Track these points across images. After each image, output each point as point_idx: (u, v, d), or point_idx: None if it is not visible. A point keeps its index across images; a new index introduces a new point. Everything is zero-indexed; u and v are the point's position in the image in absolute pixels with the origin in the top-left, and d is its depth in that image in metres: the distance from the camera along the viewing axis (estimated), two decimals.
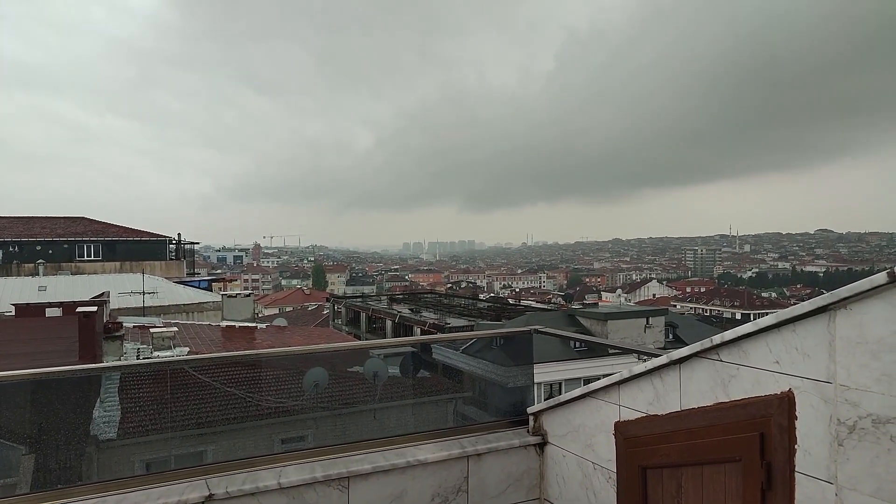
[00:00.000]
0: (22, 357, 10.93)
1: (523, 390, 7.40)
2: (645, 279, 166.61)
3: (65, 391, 6.65)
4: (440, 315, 44.15)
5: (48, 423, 5.97)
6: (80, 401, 7.90)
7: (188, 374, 10.04)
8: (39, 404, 5.91)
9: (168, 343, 14.82)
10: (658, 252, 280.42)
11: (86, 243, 41.00)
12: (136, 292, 26.18)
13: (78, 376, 6.68)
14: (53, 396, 6.21)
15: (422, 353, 12.00)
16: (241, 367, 11.18)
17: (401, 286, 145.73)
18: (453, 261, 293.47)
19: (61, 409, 6.09)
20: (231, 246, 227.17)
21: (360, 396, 10.41)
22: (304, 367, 9.29)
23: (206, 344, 17.26)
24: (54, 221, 43.65)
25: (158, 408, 9.76)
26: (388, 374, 9.90)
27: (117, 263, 39.64)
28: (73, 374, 6.18)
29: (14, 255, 38.52)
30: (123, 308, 24.45)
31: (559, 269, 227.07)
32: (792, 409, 2.60)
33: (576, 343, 30.76)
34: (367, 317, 51.08)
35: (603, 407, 3.95)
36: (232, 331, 19.41)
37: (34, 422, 5.87)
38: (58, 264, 37.89)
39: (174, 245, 45.15)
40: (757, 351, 2.80)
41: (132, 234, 43.63)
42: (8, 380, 4.33)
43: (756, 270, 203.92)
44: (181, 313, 27.89)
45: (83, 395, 8.22)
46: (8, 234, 39.73)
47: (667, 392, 3.39)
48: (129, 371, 10.73)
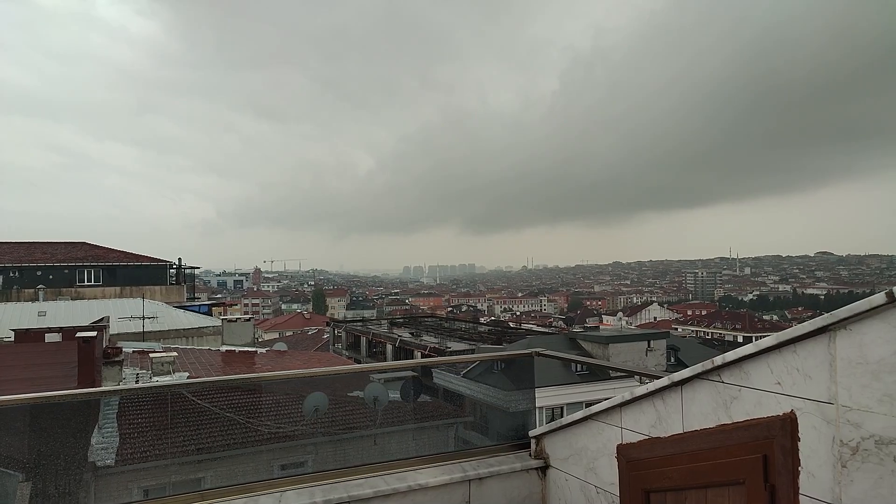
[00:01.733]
0: (21, 382, 10.87)
1: (525, 414, 7.35)
2: (646, 302, 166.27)
3: (63, 417, 6.61)
4: (441, 339, 43.96)
5: (46, 450, 5.93)
6: (79, 427, 7.84)
7: (187, 399, 9.99)
8: (38, 430, 5.87)
9: (167, 368, 14.74)
10: (658, 275, 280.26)
11: (86, 268, 41.03)
12: (135, 317, 26.11)
13: (76, 401, 6.65)
14: (52, 422, 6.17)
15: (422, 378, 11.94)
16: (240, 392, 11.13)
17: (401, 310, 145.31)
18: (454, 284, 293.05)
19: (60, 434, 6.05)
20: (231, 270, 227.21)
21: (361, 421, 10.34)
22: (304, 391, 9.25)
23: (205, 369, 17.17)
24: (55, 247, 43.71)
25: (157, 433, 9.70)
26: (389, 399, 9.85)
27: (118, 288, 39.64)
28: (71, 399, 6.15)
29: (14, 281, 38.54)
30: (123, 333, 24.36)
31: (560, 293, 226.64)
32: (794, 430, 2.59)
33: (577, 366, 30.61)
34: (368, 341, 50.86)
35: (605, 429, 3.93)
36: (232, 355, 19.33)
37: (32, 448, 5.83)
38: (58, 289, 37.87)
39: (174, 270, 45.17)
40: (758, 372, 2.80)
41: (133, 259, 43.67)
42: (6, 405, 4.31)
43: (757, 293, 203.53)
44: (181, 338, 27.77)
45: (82, 420, 8.17)
46: (8, 260, 39.78)
47: (669, 414, 3.38)
48: (127, 396, 10.68)
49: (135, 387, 11.44)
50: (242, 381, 10.05)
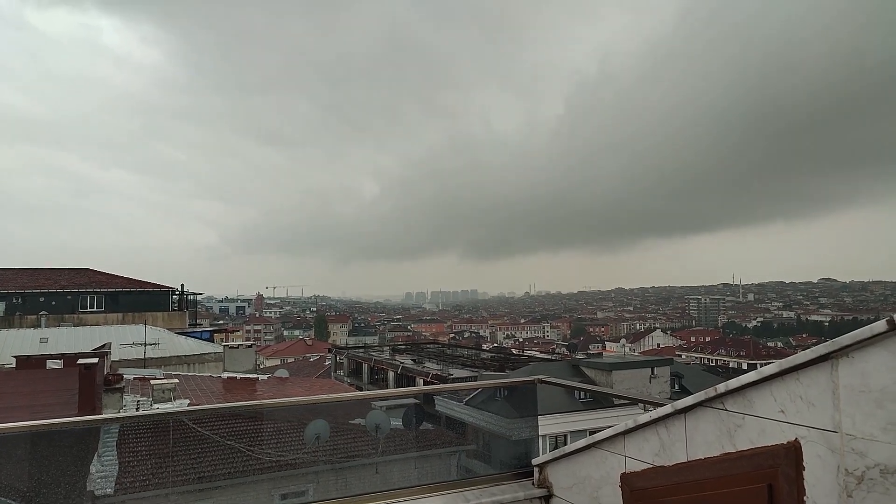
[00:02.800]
0: (21, 410, 10.82)
1: (528, 442, 7.29)
2: (649, 329, 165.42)
3: (63, 445, 6.57)
4: (443, 366, 43.71)
5: (46, 478, 5.89)
6: (79, 455, 7.79)
7: (188, 427, 9.93)
8: (38, 458, 5.84)
9: (168, 395, 14.66)
10: (661, 301, 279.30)
11: (89, 295, 41.09)
12: (137, 343, 26.04)
13: (76, 429, 6.62)
14: (52, 450, 6.14)
15: (425, 405, 11.86)
16: (241, 420, 11.06)
17: (403, 336, 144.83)
18: (456, 310, 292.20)
19: (60, 462, 6.02)
20: (234, 296, 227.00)
21: (363, 449, 10.25)
22: (305, 419, 9.19)
23: (206, 396, 17.07)
24: (59, 273, 43.85)
25: (157, 462, 9.61)
26: (391, 427, 9.78)
27: (120, 315, 39.60)
28: (70, 427, 6.12)
29: (17, 307, 38.57)
30: (125, 360, 24.28)
31: (562, 319, 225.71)
32: (799, 459, 2.57)
33: (580, 394, 30.36)
34: (370, 367, 50.58)
35: (608, 458, 3.90)
36: (233, 382, 19.23)
37: (32, 476, 5.79)
38: (61, 316, 37.86)
39: (177, 296, 45.19)
40: (762, 400, 2.79)
41: (135, 285, 43.75)
42: (6, 432, 4.30)
43: (761, 320, 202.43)
44: (182, 365, 27.65)
45: (82, 448, 8.12)
46: (12, 286, 39.87)
47: (672, 442, 3.35)
48: (127, 423, 10.61)
49: (135, 414, 11.37)
50: (244, 409, 10.00)
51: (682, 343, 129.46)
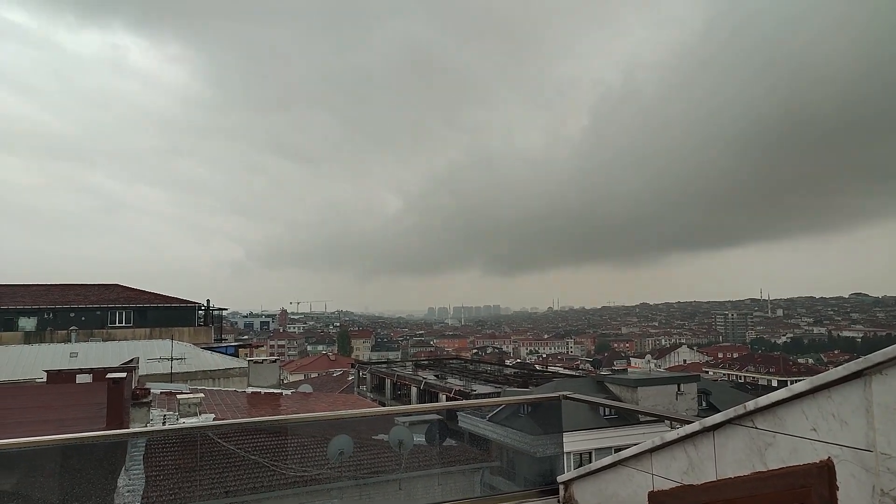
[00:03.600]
0: (52, 423, 11.02)
1: (552, 459, 7.22)
2: (675, 344, 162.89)
3: (92, 458, 6.68)
4: (466, 382, 43.52)
5: (77, 490, 5.97)
6: (107, 468, 7.90)
7: (213, 441, 10.01)
8: (68, 471, 5.94)
9: (194, 410, 14.82)
10: (687, 317, 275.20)
11: (118, 310, 41.86)
12: (164, 358, 26.42)
13: (104, 443, 6.72)
14: (82, 463, 6.24)
15: (448, 421, 11.82)
16: (266, 435, 11.12)
17: (426, 352, 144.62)
18: (478, 326, 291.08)
19: (91, 475, 6.10)
20: (258, 312, 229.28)
21: (386, 465, 10.23)
22: (328, 434, 9.22)
23: (231, 410, 17.22)
24: (89, 289, 44.77)
25: (183, 476, 9.70)
26: (414, 443, 9.76)
27: (147, 329, 40.25)
28: (100, 441, 6.23)
29: (49, 322, 39.44)
30: (152, 374, 24.64)
31: (586, 335, 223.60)
32: (832, 478, 2.52)
33: (605, 410, 29.97)
34: (392, 383, 50.56)
35: (635, 476, 3.85)
36: (257, 397, 19.38)
37: (63, 488, 5.89)
38: (90, 330, 38.60)
39: (203, 311, 45.80)
40: (793, 418, 2.74)
41: (162, 300, 44.44)
42: (37, 446, 4.40)
43: (790, 335, 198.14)
44: (208, 379, 27.96)
45: (109, 462, 8.23)
46: (44, 302, 40.80)
47: (701, 461, 3.30)
48: (154, 438, 10.75)
49: (161, 428, 11.51)
50: (268, 424, 10.06)
51: (709, 359, 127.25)
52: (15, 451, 4.47)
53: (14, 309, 39.73)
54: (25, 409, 12.46)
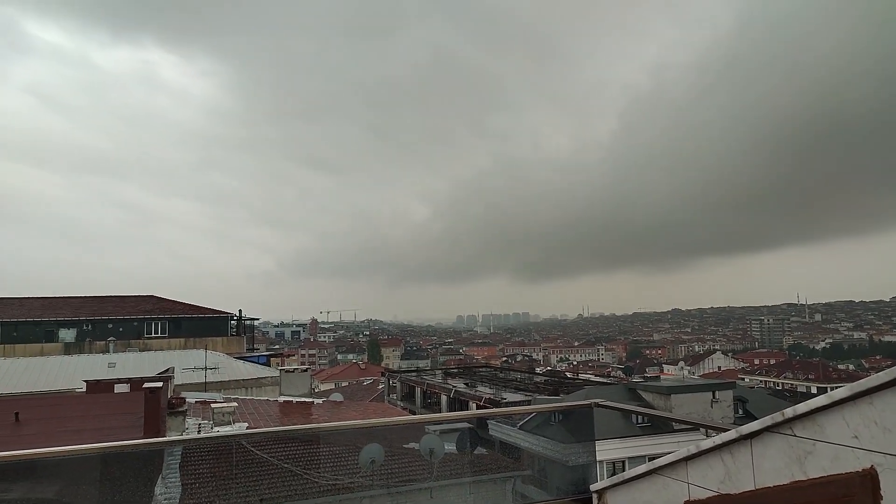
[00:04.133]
0: (92, 432, 11.29)
1: (585, 467, 7.14)
2: (709, 350, 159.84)
3: (130, 466, 6.82)
4: (496, 390, 43.33)
5: (118, 497, 6.11)
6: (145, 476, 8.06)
7: (247, 450, 10.15)
8: (108, 479, 6.08)
9: (228, 418, 15.04)
10: (721, 322, 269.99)
11: (153, 321, 42.81)
12: (198, 368, 26.88)
13: (142, 451, 6.86)
14: (121, 471, 6.38)
15: (478, 429, 11.78)
16: (298, 444, 11.22)
17: (455, 360, 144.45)
18: (508, 333, 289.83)
19: (130, 483, 6.24)
20: (289, 321, 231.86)
21: (417, 473, 10.24)
22: (360, 443, 9.27)
23: (264, 419, 17.42)
24: (126, 300, 45.90)
25: (218, 484, 9.85)
26: (445, 451, 9.75)
27: (182, 339, 41.07)
28: (139, 449, 6.36)
29: (87, 333, 40.54)
30: (186, 384, 25.08)
31: (617, 341, 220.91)
32: (876, 487, 2.45)
33: (638, 418, 29.53)
34: (422, 392, 50.59)
35: (671, 484, 3.79)
36: (289, 406, 19.57)
37: (103, 495, 6.02)
38: (127, 341, 39.58)
39: (235, 321, 46.53)
40: (833, 425, 2.67)
41: (196, 311, 45.31)
42: (78, 454, 4.50)
43: (829, 341, 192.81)
44: (241, 388, 28.35)
45: (147, 470, 8.40)
46: (83, 314, 41.96)
47: (739, 469, 3.24)
48: (189, 446, 10.92)
49: (197, 437, 11.70)
50: (300, 432, 10.16)
51: (744, 366, 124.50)
52: (57, 459, 4.59)
53: (55, 321, 40.92)
54: (66, 419, 12.79)
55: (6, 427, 11.97)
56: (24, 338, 39.35)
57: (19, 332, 39.71)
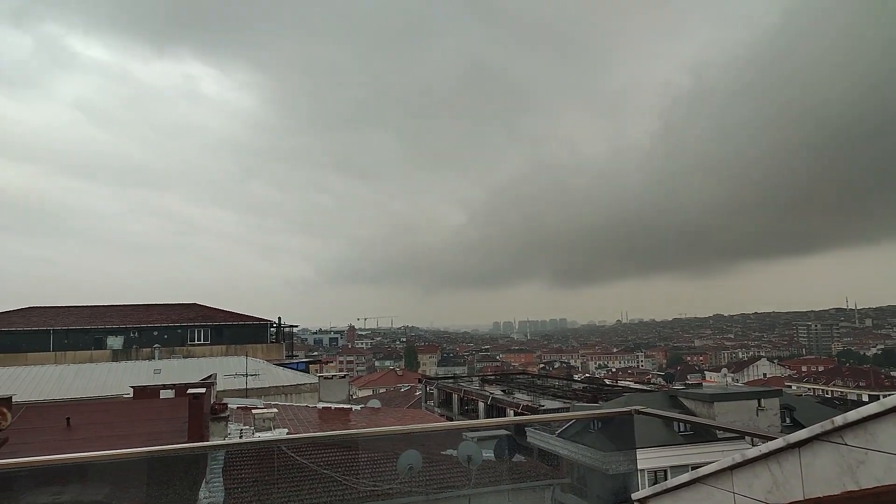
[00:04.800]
0: (139, 437, 11.61)
1: (626, 476, 7.03)
2: (753, 357, 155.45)
3: (176, 470, 6.99)
4: (534, 397, 42.98)
5: (164, 501, 6.25)
6: (190, 480, 8.24)
7: (287, 455, 10.29)
8: (155, 482, 6.24)
9: (269, 424, 15.28)
10: (765, 328, 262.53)
11: (196, 328, 43.86)
12: (240, 374, 27.40)
13: (187, 455, 7.03)
14: (167, 475, 6.54)
15: (516, 436, 11.70)
16: (337, 449, 11.33)
17: (492, 367, 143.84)
18: (545, 340, 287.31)
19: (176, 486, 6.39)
20: (327, 328, 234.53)
21: (455, 480, 10.22)
22: (397, 449, 9.31)
23: (303, 425, 17.64)
24: (170, 308, 47.16)
25: (260, 489, 10.01)
26: (483, 458, 9.71)
27: (224, 346, 41.98)
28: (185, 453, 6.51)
29: (134, 340, 41.82)
30: (228, 390, 25.58)
31: (657, 348, 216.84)
32: None
33: (680, 426, 28.90)
34: (459, 398, 50.50)
35: (715, 494, 3.70)
36: (328, 412, 19.77)
37: (150, 498, 6.18)
38: (172, 348, 40.68)
39: (275, 328, 47.31)
40: (886, 434, 2.58)
41: (237, 318, 46.25)
42: (127, 457, 4.64)
43: (881, 347, 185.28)
44: (280, 395, 28.79)
45: (191, 474, 8.59)
46: (130, 321, 43.28)
47: (786, 479, 3.14)
48: (232, 451, 11.13)
49: (240, 441, 11.93)
50: (339, 438, 10.24)
51: (791, 373, 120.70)
52: (106, 462, 4.73)
53: (103, 328, 42.31)
54: (115, 424, 13.18)
55: (58, 431, 12.41)
56: (74, 345, 40.77)
57: (70, 340, 41.15)
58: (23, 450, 10.88)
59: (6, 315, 43.06)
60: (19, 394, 17.40)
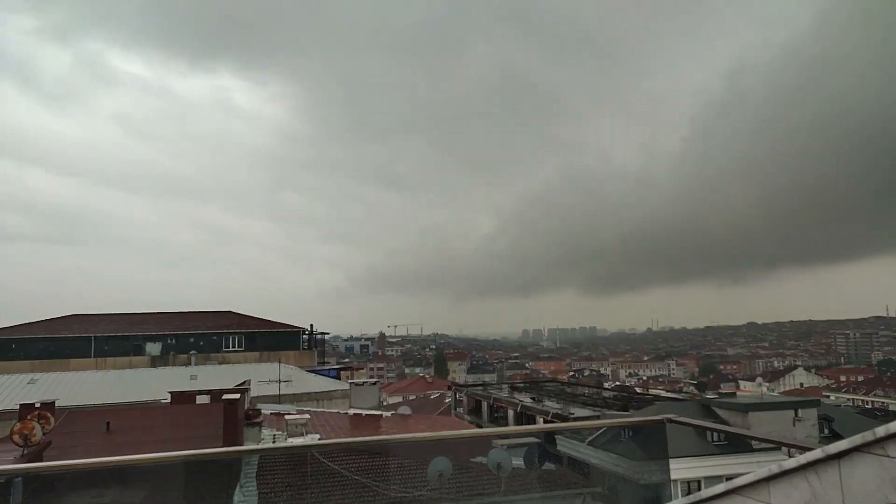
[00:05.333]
0: (176, 441, 11.87)
1: (658, 486, 6.96)
2: (789, 366, 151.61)
3: (210, 474, 7.15)
4: (563, 404, 42.61)
5: None
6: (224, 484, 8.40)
7: (319, 461, 10.41)
8: (191, 485, 6.39)
9: (301, 430, 15.45)
10: (802, 337, 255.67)
11: (231, 335, 44.64)
12: (273, 381, 27.78)
13: (222, 459, 7.17)
14: (204, 477, 6.68)
15: (546, 444, 11.64)
16: (368, 456, 11.42)
17: (521, 374, 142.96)
18: (574, 348, 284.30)
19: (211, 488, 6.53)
20: (358, 335, 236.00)
21: (485, 487, 10.22)
22: (427, 456, 9.35)
23: (335, 431, 17.80)
24: (206, 316, 48.11)
25: (292, 494, 10.14)
26: (512, 465, 9.69)
27: (257, 353, 42.66)
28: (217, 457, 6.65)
29: (171, 347, 42.81)
30: (262, 396, 25.95)
31: (689, 356, 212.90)
32: None
33: (714, 436, 28.34)
34: (489, 406, 50.33)
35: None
36: (359, 418, 19.90)
37: (188, 500, 6.33)
38: (207, 355, 41.49)
39: (307, 336, 47.86)
40: None
41: (270, 325, 46.95)
42: (166, 461, 4.76)
43: None
44: (312, 401, 29.09)
45: (226, 478, 8.76)
46: (167, 328, 44.29)
47: (826, 491, 3.10)
48: (266, 455, 11.30)
49: (274, 446, 12.10)
50: (370, 444, 10.32)
51: (829, 382, 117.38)
52: (145, 466, 4.87)
53: (142, 335, 43.37)
54: (153, 428, 13.50)
55: (99, 435, 12.76)
56: (114, 351, 41.87)
57: (110, 346, 42.26)
58: (65, 453, 11.22)
59: (50, 322, 44.41)
60: (62, 399, 17.91)
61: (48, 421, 12.03)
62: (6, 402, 26.04)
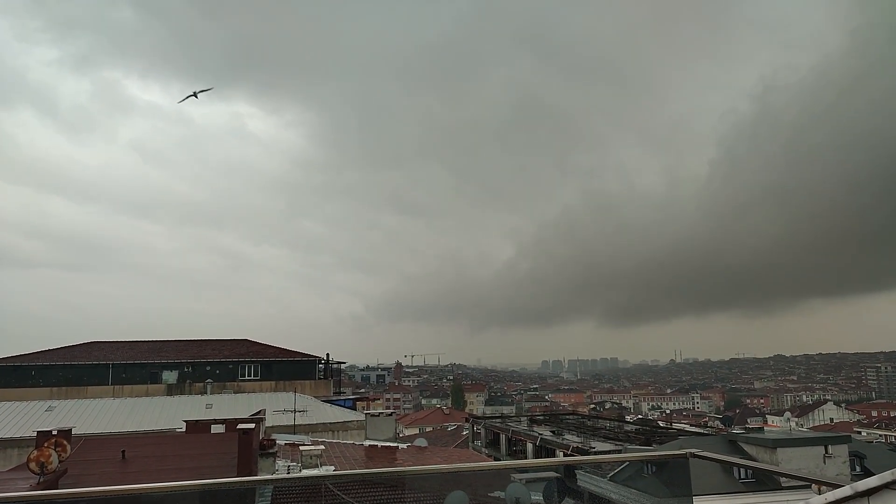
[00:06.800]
0: (190, 470, 11.80)
1: None
2: (818, 401, 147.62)
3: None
4: (584, 438, 41.80)
5: None
6: None
7: (333, 493, 10.25)
8: None
9: (315, 461, 15.30)
10: (831, 370, 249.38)
11: (246, 364, 44.74)
12: (288, 410, 27.66)
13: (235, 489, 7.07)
14: None
15: (566, 479, 11.37)
16: (383, 489, 11.22)
17: (540, 406, 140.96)
18: (595, 380, 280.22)
19: None
20: (374, 365, 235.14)
21: None
22: (444, 490, 9.15)
23: (350, 462, 17.60)
24: (222, 344, 48.32)
25: None
26: (531, 501, 9.45)
27: (273, 382, 42.60)
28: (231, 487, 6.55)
29: (188, 375, 42.91)
30: (277, 426, 25.83)
31: (714, 389, 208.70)
32: None
33: (741, 472, 27.54)
34: (507, 438, 49.57)
35: None
36: (374, 450, 19.68)
37: None
38: (223, 383, 41.53)
39: (323, 365, 47.77)
40: None
41: (286, 354, 46.99)
42: (179, 490, 4.70)
43: None
44: (328, 431, 28.87)
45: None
46: (184, 356, 44.52)
47: None
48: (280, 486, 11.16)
49: (288, 476, 11.97)
50: (386, 475, 10.16)
51: (860, 418, 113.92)
52: (159, 494, 4.81)
53: (159, 363, 43.63)
54: (168, 457, 13.45)
55: (114, 464, 12.73)
56: (132, 379, 42.14)
57: (128, 374, 42.56)
58: (81, 481, 11.19)
59: (70, 349, 44.96)
60: (78, 426, 18.02)
61: (64, 448, 12.05)
62: (24, 430, 26.25)
